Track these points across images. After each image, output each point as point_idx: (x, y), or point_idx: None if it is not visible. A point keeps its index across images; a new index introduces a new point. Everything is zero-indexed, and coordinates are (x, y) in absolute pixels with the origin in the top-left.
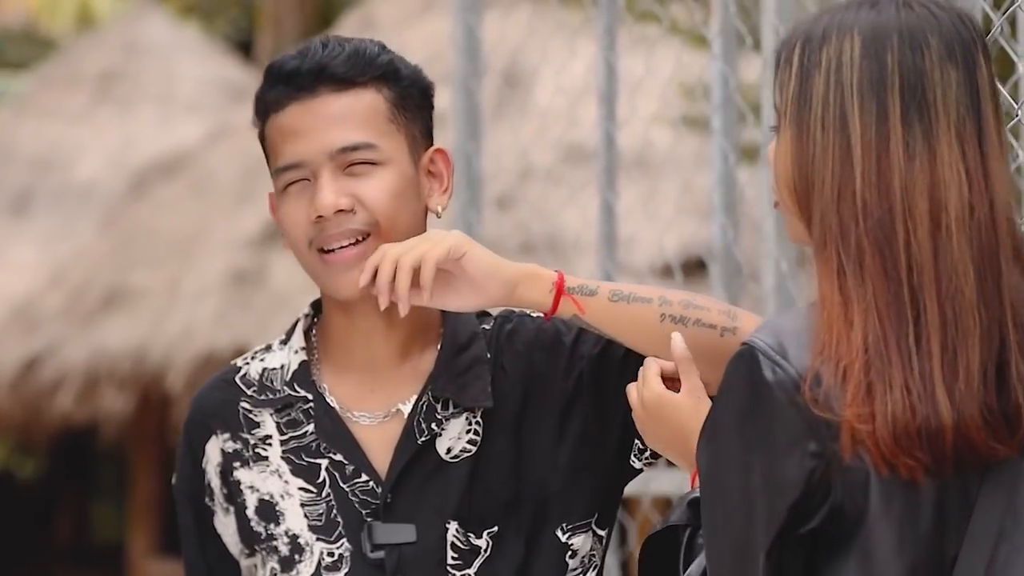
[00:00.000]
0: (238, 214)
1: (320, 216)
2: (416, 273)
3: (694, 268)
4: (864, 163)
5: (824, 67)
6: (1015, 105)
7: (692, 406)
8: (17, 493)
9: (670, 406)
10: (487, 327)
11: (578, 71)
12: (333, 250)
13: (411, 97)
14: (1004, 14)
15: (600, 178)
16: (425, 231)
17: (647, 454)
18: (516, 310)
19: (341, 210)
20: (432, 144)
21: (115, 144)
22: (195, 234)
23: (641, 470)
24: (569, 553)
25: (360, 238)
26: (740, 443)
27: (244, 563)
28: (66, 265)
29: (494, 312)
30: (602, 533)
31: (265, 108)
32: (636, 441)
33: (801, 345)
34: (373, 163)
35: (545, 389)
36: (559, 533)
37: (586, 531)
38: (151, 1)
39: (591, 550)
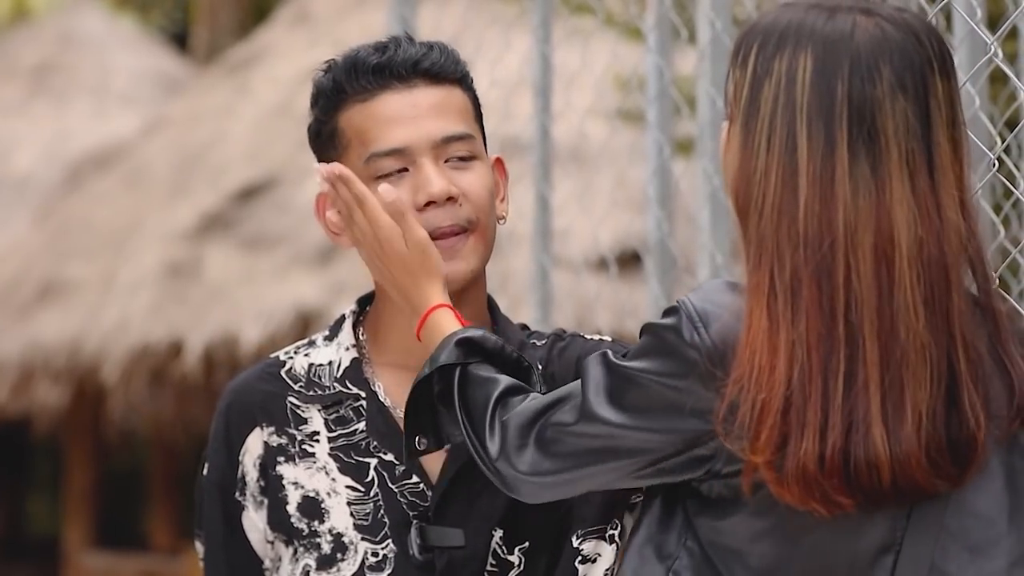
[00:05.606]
0: (173, 206)
1: (431, 202)
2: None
3: (629, 261)
4: (808, 192)
5: (775, 79)
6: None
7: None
8: None
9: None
10: (538, 342)
11: (513, 64)
12: (436, 236)
13: (478, 105)
14: (938, 7)
15: (535, 171)
16: None
17: None
18: (569, 330)
19: (451, 198)
20: None
21: (50, 136)
22: (130, 226)
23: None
24: (579, 559)
25: (463, 231)
26: (648, 370)
27: (271, 554)
28: (0, 257)
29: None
30: (618, 540)
31: (342, 99)
32: None
33: (720, 321)
34: (472, 156)
35: None
36: (573, 539)
37: (598, 536)
38: None
39: (613, 562)
